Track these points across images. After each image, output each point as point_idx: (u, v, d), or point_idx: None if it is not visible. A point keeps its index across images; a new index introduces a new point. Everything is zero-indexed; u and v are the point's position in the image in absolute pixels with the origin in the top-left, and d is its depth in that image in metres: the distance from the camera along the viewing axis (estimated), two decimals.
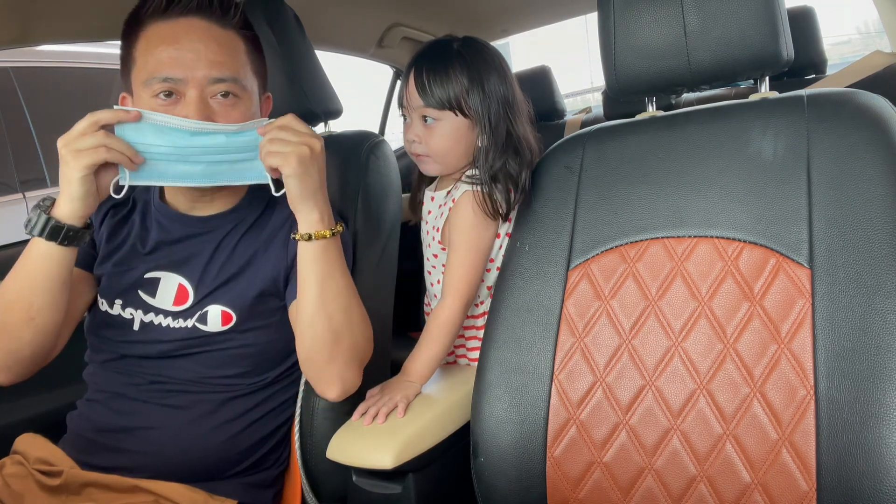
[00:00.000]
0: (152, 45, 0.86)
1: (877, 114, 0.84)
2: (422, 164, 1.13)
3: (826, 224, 0.81)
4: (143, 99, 0.87)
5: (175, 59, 0.85)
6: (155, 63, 0.85)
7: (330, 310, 0.88)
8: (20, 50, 2.66)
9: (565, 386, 0.91)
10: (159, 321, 0.95)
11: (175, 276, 0.96)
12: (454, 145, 1.08)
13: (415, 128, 1.08)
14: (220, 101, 0.87)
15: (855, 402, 0.74)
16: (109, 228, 1.00)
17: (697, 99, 2.22)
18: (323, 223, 0.86)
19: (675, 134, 0.97)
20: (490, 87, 1.05)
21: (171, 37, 0.86)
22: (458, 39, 1.09)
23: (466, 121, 1.06)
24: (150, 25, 0.87)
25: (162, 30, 0.86)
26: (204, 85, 0.86)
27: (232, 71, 0.88)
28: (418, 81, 1.06)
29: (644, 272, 0.92)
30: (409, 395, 1.00)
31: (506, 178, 1.04)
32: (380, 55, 2.14)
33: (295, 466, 1.03)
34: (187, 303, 0.95)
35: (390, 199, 1.21)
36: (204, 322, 0.94)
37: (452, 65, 1.04)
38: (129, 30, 0.89)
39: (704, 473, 0.82)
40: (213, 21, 0.88)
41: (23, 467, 0.91)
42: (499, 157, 1.05)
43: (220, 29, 0.88)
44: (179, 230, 0.98)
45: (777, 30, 0.89)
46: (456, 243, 1.09)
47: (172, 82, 0.85)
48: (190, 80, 0.85)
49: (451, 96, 1.04)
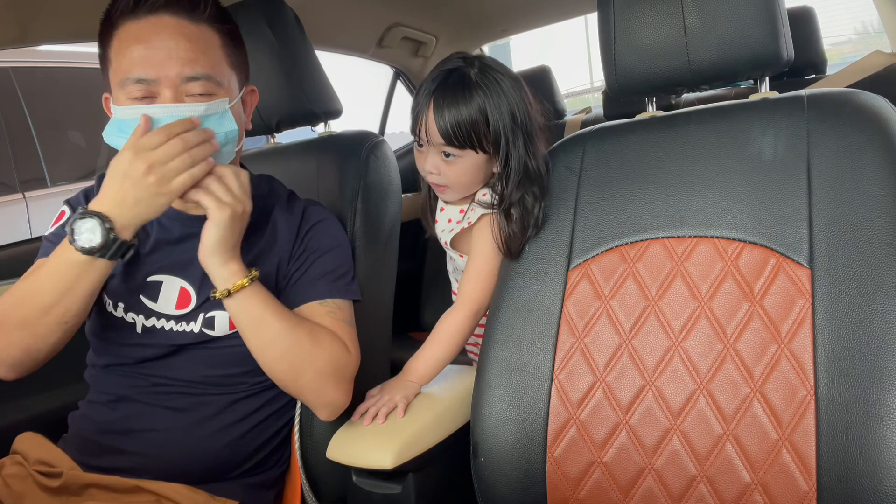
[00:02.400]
0: (124, 45, 0.85)
1: (877, 114, 0.84)
2: (440, 193, 1.12)
3: (826, 224, 0.81)
4: (119, 100, 0.86)
5: (146, 58, 0.84)
6: (128, 64, 0.84)
7: (278, 352, 0.88)
8: (20, 50, 2.66)
9: (565, 386, 0.91)
10: (161, 325, 0.94)
11: (177, 280, 0.95)
12: (474, 177, 1.07)
13: (433, 160, 1.05)
14: (196, 99, 0.86)
15: (855, 402, 0.74)
16: None
17: (697, 99, 2.22)
18: (238, 274, 0.85)
19: (675, 134, 0.97)
20: (509, 121, 1.02)
21: (141, 36, 0.85)
22: (472, 64, 1.03)
23: (486, 155, 1.05)
24: (122, 26, 0.86)
25: (132, 30, 0.85)
26: (178, 84, 0.85)
27: (205, 68, 0.87)
28: (438, 119, 1.01)
29: (644, 272, 0.92)
30: (408, 396, 1.00)
31: (521, 212, 1.01)
32: (380, 55, 2.14)
33: (295, 466, 1.03)
34: (190, 306, 0.94)
35: (390, 199, 1.21)
36: (211, 327, 0.94)
37: (472, 100, 1.00)
38: (104, 30, 0.88)
39: (704, 473, 0.82)
40: (182, 17, 0.86)
41: (22, 468, 0.91)
42: (516, 190, 1.02)
43: (191, 25, 0.87)
44: (178, 229, 0.97)
45: (777, 30, 0.89)
46: (476, 253, 1.08)
47: (146, 83, 0.84)
48: (163, 80, 0.84)
49: (473, 135, 1.01)
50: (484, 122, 1.01)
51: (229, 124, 0.88)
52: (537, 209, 1.01)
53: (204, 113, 0.85)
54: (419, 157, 1.09)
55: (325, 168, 1.20)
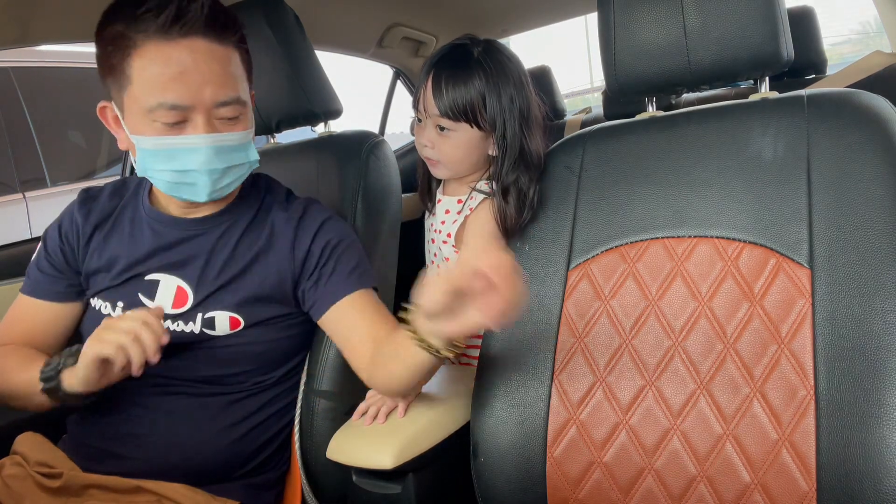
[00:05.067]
0: (154, 67, 0.82)
1: (877, 114, 0.84)
2: (432, 168, 1.13)
3: (826, 224, 0.81)
4: (144, 124, 0.85)
5: (183, 84, 0.83)
6: (160, 89, 0.82)
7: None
8: (20, 50, 2.66)
9: (565, 386, 0.91)
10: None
11: (173, 279, 0.95)
12: (467, 154, 1.08)
13: (428, 133, 1.08)
14: (227, 123, 0.88)
15: (855, 402, 0.74)
16: (99, 244, 0.99)
17: (697, 99, 2.23)
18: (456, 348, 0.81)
19: (675, 134, 0.97)
20: (507, 102, 1.03)
21: (176, 61, 0.82)
22: (478, 43, 1.07)
23: (481, 132, 1.06)
24: (147, 44, 0.82)
25: (164, 51, 0.82)
26: (210, 109, 0.85)
27: (235, 90, 0.87)
28: (436, 90, 1.04)
29: (644, 272, 0.92)
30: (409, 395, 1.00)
31: (517, 193, 1.03)
32: (380, 55, 2.14)
33: (295, 467, 1.03)
34: (187, 305, 0.94)
35: (390, 199, 1.21)
36: (212, 327, 0.94)
37: (471, 76, 1.03)
38: (115, 38, 0.83)
39: (704, 473, 0.82)
40: (213, 40, 0.85)
41: (22, 468, 0.91)
42: (511, 171, 1.04)
43: (220, 48, 0.86)
44: (174, 234, 0.97)
45: (777, 30, 0.89)
46: (473, 240, 1.09)
47: (180, 109, 0.84)
48: (198, 106, 0.84)
49: (468, 110, 1.03)
50: (480, 98, 1.03)
51: (253, 153, 0.92)
52: (532, 191, 1.02)
53: (238, 143, 0.88)
54: (418, 132, 1.11)
55: (325, 168, 1.20)
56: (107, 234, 0.99)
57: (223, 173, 0.89)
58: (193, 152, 0.85)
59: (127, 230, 0.99)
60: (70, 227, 1.00)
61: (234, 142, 0.89)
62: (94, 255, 0.98)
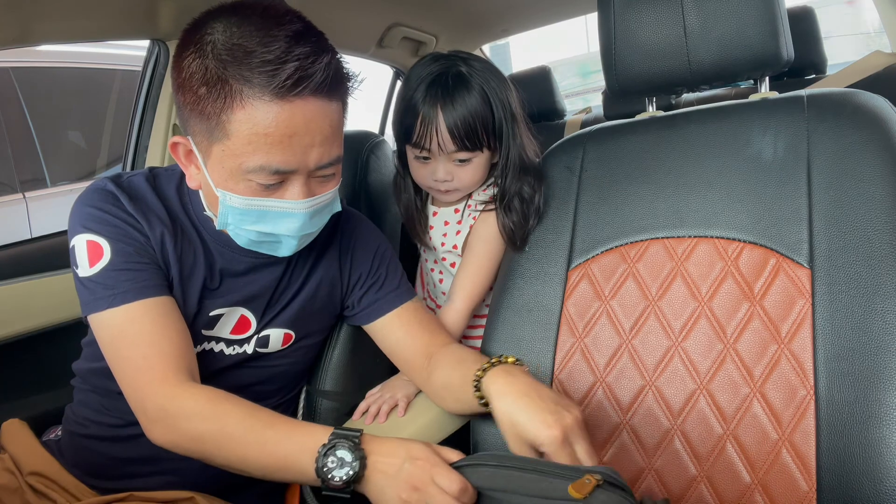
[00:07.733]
0: (261, 128, 0.72)
1: (877, 114, 0.84)
2: (446, 196, 1.10)
3: (826, 224, 0.81)
4: (234, 179, 0.76)
5: (290, 150, 0.74)
6: (264, 153, 0.73)
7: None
8: (20, 50, 2.66)
9: (565, 386, 0.91)
10: (211, 347, 0.89)
11: (239, 310, 0.90)
12: (483, 173, 1.07)
13: (445, 167, 1.04)
14: (320, 180, 0.81)
15: (855, 402, 0.74)
16: (174, 249, 0.85)
17: (697, 99, 2.23)
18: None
19: (674, 134, 0.97)
20: (508, 115, 1.02)
21: (289, 125, 0.73)
22: (465, 62, 1.02)
23: (492, 151, 1.05)
24: (257, 102, 0.71)
25: (275, 112, 0.72)
26: (311, 170, 0.78)
27: (339, 149, 0.80)
28: (451, 128, 1.00)
29: (644, 272, 0.92)
30: (409, 394, 1.00)
31: (521, 203, 1.02)
32: (380, 55, 2.14)
33: None
34: (249, 332, 0.91)
35: (390, 200, 1.21)
36: (265, 345, 0.92)
37: (474, 100, 1.00)
38: (213, 82, 0.72)
39: (704, 473, 0.82)
40: (325, 97, 0.75)
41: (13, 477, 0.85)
42: (515, 180, 1.03)
43: (331, 104, 0.77)
44: (244, 262, 0.89)
45: (777, 30, 0.89)
46: (476, 250, 1.08)
47: (283, 173, 0.76)
48: (301, 169, 0.76)
49: (484, 135, 1.02)
50: (489, 119, 1.02)
51: (338, 205, 0.86)
52: (537, 197, 1.01)
53: (330, 200, 0.83)
54: (423, 170, 1.06)
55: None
56: (178, 242, 0.86)
57: (311, 234, 0.84)
58: (287, 217, 0.78)
59: (198, 245, 0.87)
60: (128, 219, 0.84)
61: (328, 201, 0.82)
62: (170, 255, 0.84)
